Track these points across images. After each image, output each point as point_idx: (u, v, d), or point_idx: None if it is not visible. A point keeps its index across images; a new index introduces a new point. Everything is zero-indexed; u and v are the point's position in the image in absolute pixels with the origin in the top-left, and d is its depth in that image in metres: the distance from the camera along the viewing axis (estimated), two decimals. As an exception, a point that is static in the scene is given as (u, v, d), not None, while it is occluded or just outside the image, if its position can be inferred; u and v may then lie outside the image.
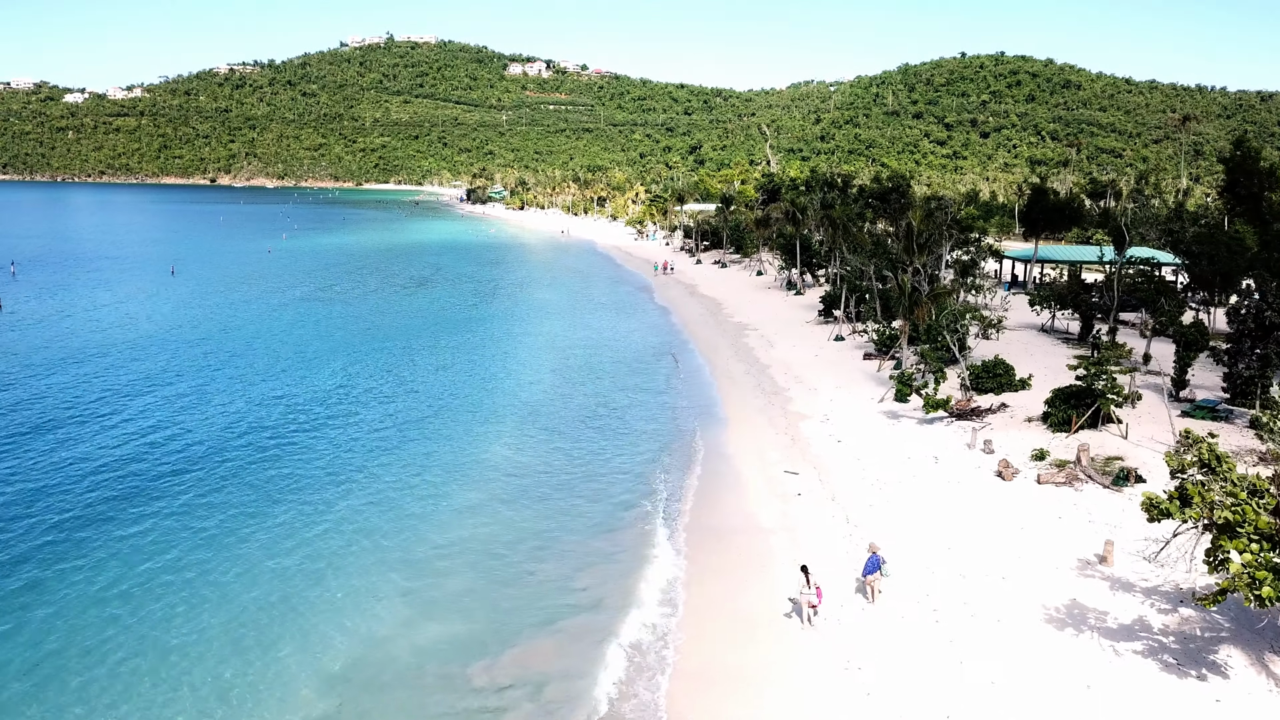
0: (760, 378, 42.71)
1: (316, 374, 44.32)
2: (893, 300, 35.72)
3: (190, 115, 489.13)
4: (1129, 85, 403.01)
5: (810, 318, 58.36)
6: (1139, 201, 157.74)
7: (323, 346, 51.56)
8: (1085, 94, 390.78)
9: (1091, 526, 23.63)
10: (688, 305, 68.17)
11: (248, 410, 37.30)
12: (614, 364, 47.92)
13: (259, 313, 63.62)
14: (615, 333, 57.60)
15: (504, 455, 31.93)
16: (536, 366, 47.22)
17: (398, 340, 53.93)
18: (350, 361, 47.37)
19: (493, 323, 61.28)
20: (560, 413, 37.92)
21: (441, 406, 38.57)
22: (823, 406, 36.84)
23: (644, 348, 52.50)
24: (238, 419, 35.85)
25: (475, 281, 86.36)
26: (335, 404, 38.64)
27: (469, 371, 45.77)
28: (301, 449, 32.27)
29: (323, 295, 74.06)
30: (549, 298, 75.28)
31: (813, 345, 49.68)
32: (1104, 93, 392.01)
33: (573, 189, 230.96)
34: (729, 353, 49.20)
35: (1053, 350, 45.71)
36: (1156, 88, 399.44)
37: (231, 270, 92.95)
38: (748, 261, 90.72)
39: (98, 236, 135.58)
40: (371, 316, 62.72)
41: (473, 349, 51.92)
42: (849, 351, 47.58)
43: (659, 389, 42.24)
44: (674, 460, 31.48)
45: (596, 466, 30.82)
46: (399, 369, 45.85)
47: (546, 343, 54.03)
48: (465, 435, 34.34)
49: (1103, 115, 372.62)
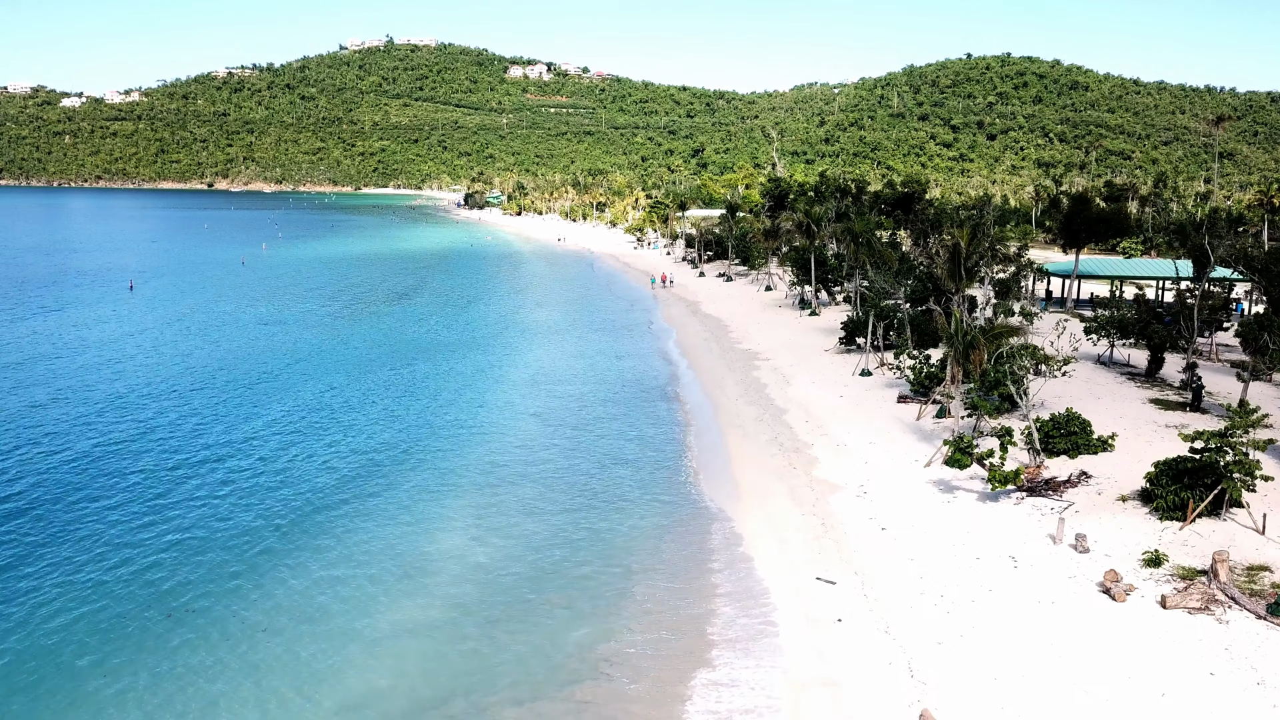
0: (776, 426, 35.74)
1: (233, 427, 37.39)
2: (941, 336, 28.69)
3: (188, 119, 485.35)
4: (1137, 86, 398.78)
5: (829, 345, 51.33)
6: (1157, 206, 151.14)
7: (258, 390, 44.63)
8: (1093, 95, 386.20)
9: (1263, 692, 16.66)
10: (690, 327, 61.18)
11: (99, 487, 30.43)
12: (606, 405, 40.95)
13: (203, 343, 56.78)
14: (609, 363, 50.59)
15: (456, 552, 24.93)
16: (514, 411, 40.19)
17: (352, 376, 46.98)
18: (285, 409, 40.33)
19: (469, 351, 54.22)
20: (538, 478, 30.86)
21: (381, 474, 31.41)
22: (857, 471, 29.87)
23: (642, 383, 45.46)
24: (104, 489, 29.01)
25: (456, 299, 79.25)
26: (230, 475, 31.62)
27: (430, 418, 38.74)
28: (179, 542, 25.39)
29: (283, 317, 67.19)
30: (538, 319, 68.31)
31: (835, 381, 42.68)
32: (1112, 94, 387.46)
33: (571, 194, 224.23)
34: (737, 390, 42.21)
35: (1120, 390, 38.67)
36: (1165, 89, 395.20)
37: (196, 286, 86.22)
38: (755, 275, 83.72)
39: (67, 247, 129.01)
40: (329, 346, 55.74)
41: (440, 386, 44.93)
42: (879, 391, 40.58)
43: (657, 441, 35.22)
44: (670, 554, 24.54)
45: (571, 569, 23.81)
46: (340, 417, 38.72)
47: (529, 377, 47.01)
48: (408, 518, 27.32)
49: (1111, 117, 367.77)
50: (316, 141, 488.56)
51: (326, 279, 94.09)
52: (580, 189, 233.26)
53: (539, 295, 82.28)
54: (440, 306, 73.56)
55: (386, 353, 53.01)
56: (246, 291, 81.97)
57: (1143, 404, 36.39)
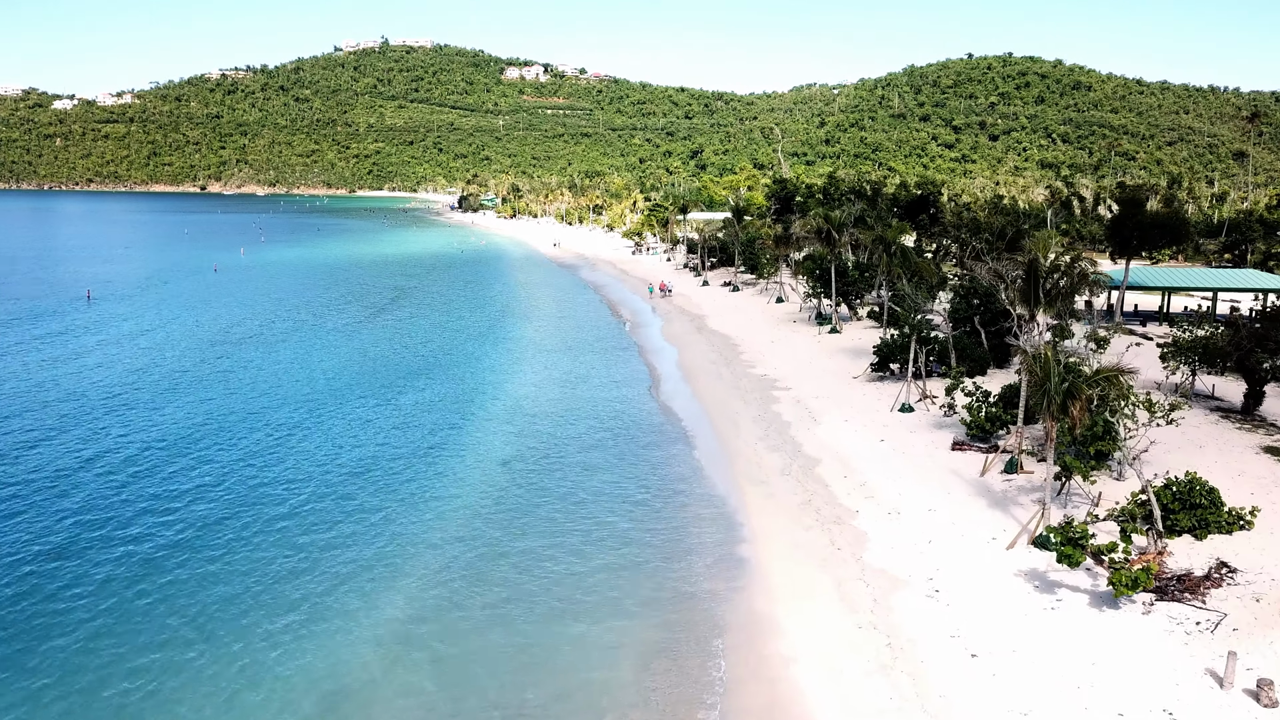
0: (809, 483, 29.07)
1: (139, 479, 30.70)
2: (1034, 385, 22.07)
3: (181, 121, 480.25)
4: (1140, 86, 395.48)
5: (857, 370, 44.63)
6: (1173, 208, 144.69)
7: (185, 427, 37.94)
8: (1096, 95, 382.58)
9: None
10: (695, 346, 54.41)
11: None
12: (593, 450, 34.22)
13: (145, 369, 50.06)
14: (600, 392, 43.83)
15: (385, 691, 18.25)
16: (482, 461, 33.35)
17: (297, 413, 40.20)
18: (206, 454, 33.67)
19: (437, 378, 47.12)
20: (498, 577, 23.78)
21: (304, 555, 24.67)
22: (920, 554, 23.23)
23: (638, 420, 38.69)
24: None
25: (432, 313, 71.83)
26: (117, 543, 24.89)
27: (380, 475, 31.90)
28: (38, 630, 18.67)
29: (240, 335, 60.39)
30: (523, 336, 61.48)
31: (872, 419, 36.01)
32: (1115, 94, 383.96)
33: (567, 196, 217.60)
34: (755, 431, 35.50)
35: (1222, 436, 31.99)
36: (1169, 89, 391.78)
37: (159, 297, 79.41)
38: (764, 285, 77.00)
39: (36, 253, 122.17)
40: (281, 374, 48.96)
41: (398, 423, 38.15)
42: (926, 432, 33.91)
43: (656, 507, 28.45)
44: (679, 692, 17.88)
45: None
46: (267, 469, 32.01)
47: (505, 412, 40.15)
48: (333, 640, 20.62)
49: (1114, 117, 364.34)
50: (310, 144, 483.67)
51: (297, 288, 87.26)
52: (576, 191, 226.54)
53: (525, 308, 75.33)
54: (414, 322, 66.55)
55: (346, 381, 46.17)
56: (210, 304, 75.17)
57: (1256, 453, 29.77)
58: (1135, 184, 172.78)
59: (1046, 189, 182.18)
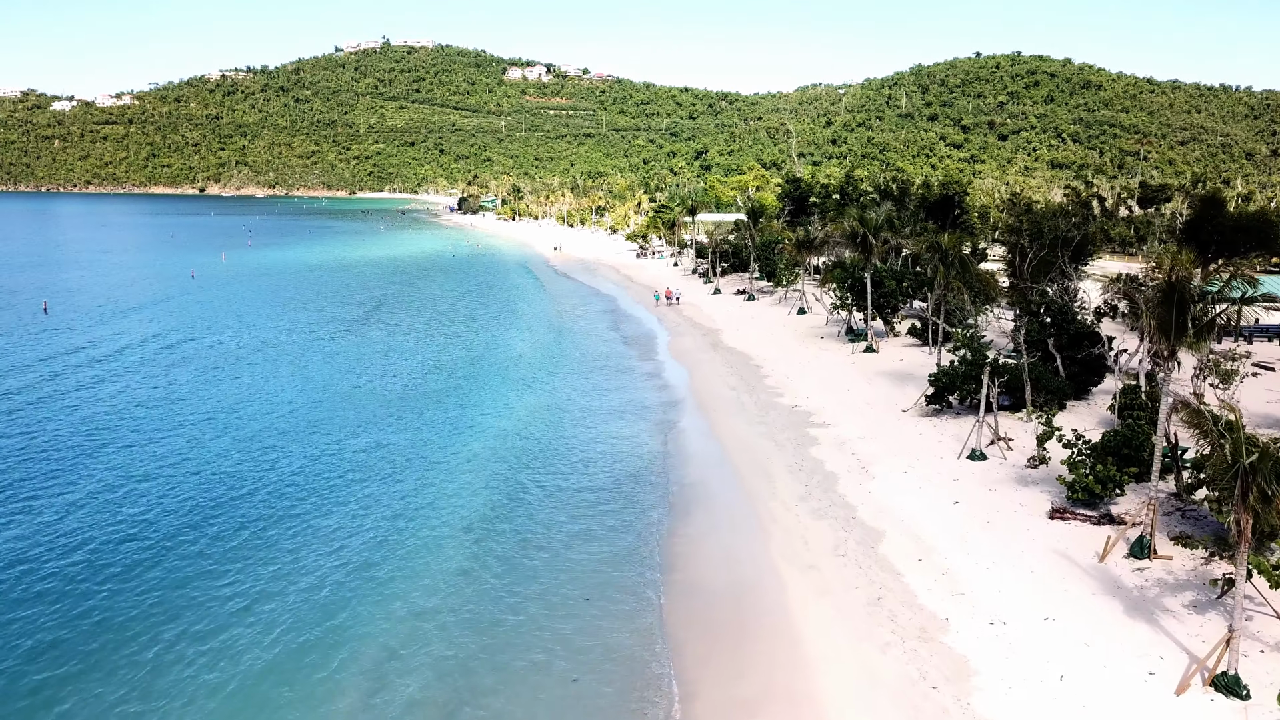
0: (873, 571, 22.13)
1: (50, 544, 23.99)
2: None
3: (180, 123, 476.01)
4: (1151, 85, 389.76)
5: (904, 399, 37.71)
6: (1197, 209, 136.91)
7: (115, 479, 31.24)
8: (1106, 94, 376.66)
9: None
10: (710, 367, 47.47)
11: None
12: (587, 517, 27.40)
13: (81, 398, 43.42)
14: (598, 429, 36.85)
15: None
16: (450, 534, 26.42)
17: (217, 459, 33.50)
18: (135, 507, 26.98)
19: (405, 412, 39.81)
20: (479, 682, 17.33)
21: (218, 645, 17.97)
22: (1052, 701, 16.29)
23: (641, 471, 31.74)
24: None
25: (412, 328, 64.22)
26: None
27: (315, 562, 25.13)
28: None
29: (198, 355, 53.72)
30: (511, 356, 54.34)
31: (936, 470, 29.06)
32: (1125, 93, 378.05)
33: (569, 198, 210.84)
34: (794, 487, 28.55)
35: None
36: (1179, 88, 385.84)
37: (123, 308, 72.67)
38: (783, 294, 70.00)
39: (5, 259, 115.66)
40: (234, 402, 42.21)
41: (352, 474, 31.33)
42: (1009, 489, 26.95)
43: (666, 603, 21.67)
44: None
45: None
46: (152, 552, 25.35)
47: (484, 461, 33.00)
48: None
49: (1125, 116, 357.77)
50: (310, 145, 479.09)
51: (270, 298, 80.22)
52: (579, 193, 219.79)
53: (514, 321, 68.03)
54: (391, 339, 59.07)
55: (292, 418, 39.10)
56: (175, 315, 68.34)
57: None
58: (1158, 183, 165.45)
59: (1066, 189, 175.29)
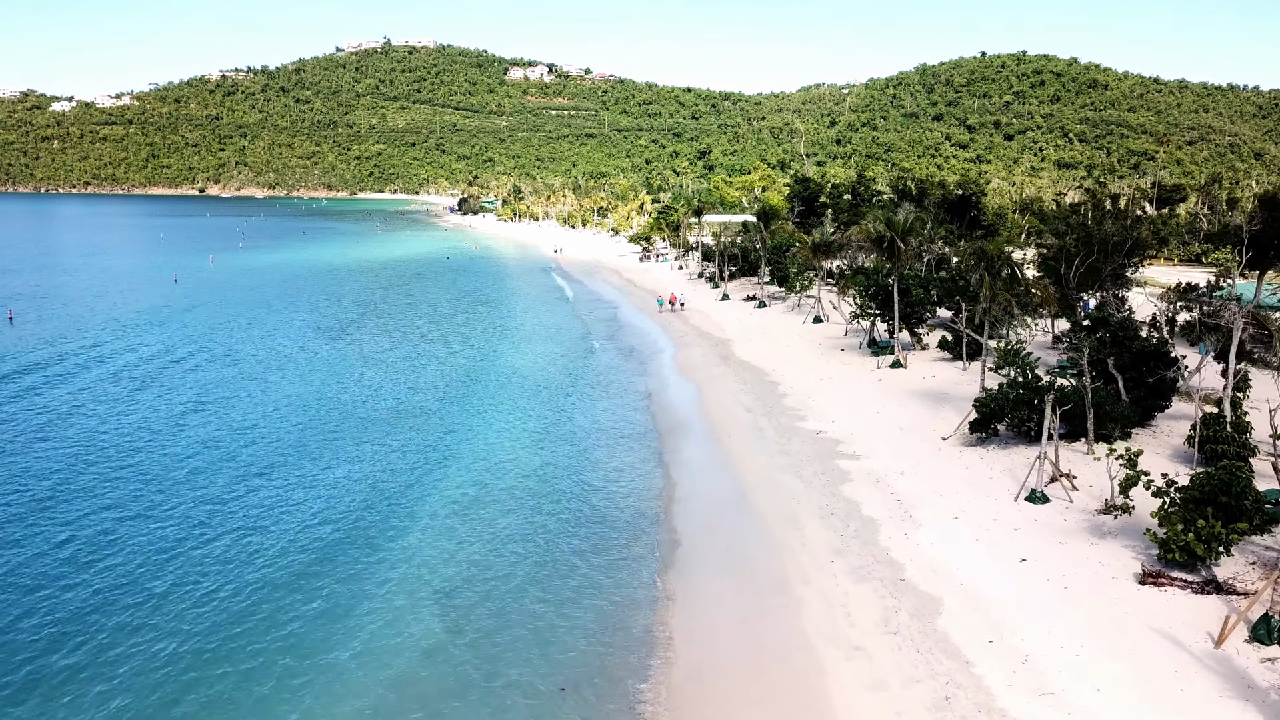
0: (934, 656, 17.77)
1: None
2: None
3: (180, 123, 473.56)
4: (1158, 85, 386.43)
5: (941, 423, 33.53)
6: (1214, 208, 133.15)
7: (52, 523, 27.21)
8: (1113, 94, 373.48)
9: None
10: (722, 383, 43.30)
11: None
12: (580, 577, 23.31)
13: (18, 420, 39.46)
14: (596, 459, 32.55)
15: None
16: (416, 603, 22.14)
17: (157, 498, 29.45)
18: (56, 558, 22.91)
19: (370, 442, 35.17)
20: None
21: None
22: None
23: (643, 513, 27.77)
24: None
25: (395, 339, 59.18)
26: None
27: (251, 645, 21.04)
28: None
29: (149, 374, 49.70)
30: (498, 371, 49.96)
31: (993, 515, 24.81)
32: (1132, 92, 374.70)
33: (570, 198, 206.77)
34: (827, 537, 24.32)
35: None
36: (1186, 87, 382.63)
37: (97, 315, 68.74)
38: (797, 300, 65.83)
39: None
40: (186, 429, 38.28)
41: (294, 524, 27.26)
42: (1082, 543, 22.68)
43: (674, 705, 17.58)
44: None
45: None
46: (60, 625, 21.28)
47: (461, 507, 28.69)
48: None
49: (1132, 116, 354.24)
50: (311, 145, 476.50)
51: (251, 304, 75.93)
52: (580, 193, 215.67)
53: (510, 330, 63.66)
54: (372, 352, 54.23)
55: (251, 447, 35.00)
56: (148, 326, 64.21)
57: None
58: (1173, 183, 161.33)
59: (1082, 190, 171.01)
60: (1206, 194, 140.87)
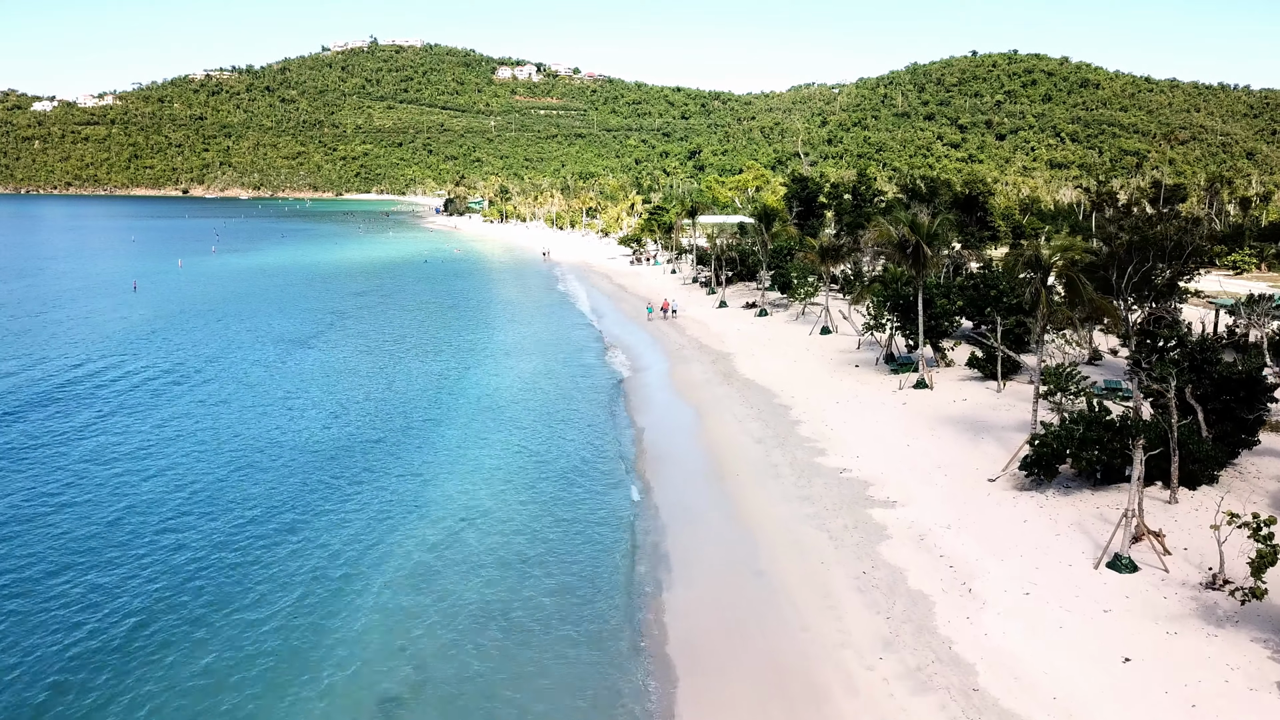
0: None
1: None
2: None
3: (163, 123, 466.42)
4: (1149, 84, 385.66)
5: (983, 459, 28.73)
6: (1215, 208, 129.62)
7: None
8: (1104, 93, 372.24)
9: None
10: (725, 406, 38.39)
11: None
12: (546, 679, 18.47)
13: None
14: (576, 515, 27.72)
15: None
16: (358, 703, 17.45)
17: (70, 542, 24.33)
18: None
19: (324, 489, 30.19)
20: None
21: None
22: None
23: (636, 581, 22.85)
24: None
25: (359, 353, 53.94)
26: None
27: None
28: None
29: (88, 395, 44.54)
30: (480, 390, 45.21)
31: (1072, 590, 19.87)
32: (1124, 92, 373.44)
33: (559, 199, 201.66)
34: (871, 622, 19.35)
35: None
36: (1178, 86, 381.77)
37: (41, 328, 63.25)
38: (801, 308, 61.02)
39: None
40: (87, 461, 33.17)
41: (217, 598, 22.25)
42: (1198, 633, 17.83)
43: None
44: None
45: None
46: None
47: (414, 578, 23.75)
48: None
49: (1124, 115, 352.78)
50: (296, 146, 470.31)
51: (213, 313, 70.25)
52: (569, 193, 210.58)
53: (488, 344, 58.37)
54: (334, 370, 49.02)
55: (182, 489, 30.02)
56: (93, 341, 58.67)
57: None
58: (1173, 183, 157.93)
59: (1081, 189, 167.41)
60: (1211, 194, 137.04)
